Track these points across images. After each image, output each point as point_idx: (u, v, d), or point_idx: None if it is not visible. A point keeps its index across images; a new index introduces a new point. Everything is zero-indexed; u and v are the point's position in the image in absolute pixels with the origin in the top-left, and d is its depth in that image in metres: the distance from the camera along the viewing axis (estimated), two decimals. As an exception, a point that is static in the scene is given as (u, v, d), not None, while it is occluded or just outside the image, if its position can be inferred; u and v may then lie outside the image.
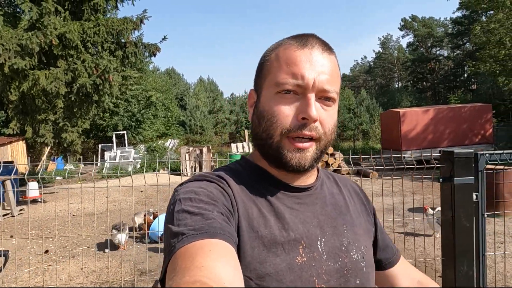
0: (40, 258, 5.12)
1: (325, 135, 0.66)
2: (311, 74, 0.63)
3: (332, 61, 0.67)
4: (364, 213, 0.81)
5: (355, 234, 0.73)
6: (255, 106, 0.71)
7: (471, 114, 13.82)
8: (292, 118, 0.64)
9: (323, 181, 0.78)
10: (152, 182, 10.98)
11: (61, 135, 8.43)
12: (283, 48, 0.67)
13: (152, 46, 8.84)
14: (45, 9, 7.03)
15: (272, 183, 0.70)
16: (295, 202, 0.70)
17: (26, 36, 6.69)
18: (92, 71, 7.73)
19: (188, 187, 0.64)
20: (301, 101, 0.64)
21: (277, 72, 0.66)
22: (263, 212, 0.65)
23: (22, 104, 8.24)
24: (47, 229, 6.82)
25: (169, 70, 40.64)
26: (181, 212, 0.58)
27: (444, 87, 43.37)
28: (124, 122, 22.24)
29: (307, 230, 0.67)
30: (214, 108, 35.17)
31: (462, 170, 1.82)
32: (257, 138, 0.70)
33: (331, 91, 0.65)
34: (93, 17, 8.37)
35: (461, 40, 38.83)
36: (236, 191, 0.66)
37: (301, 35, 0.68)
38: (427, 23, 45.60)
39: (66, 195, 10.00)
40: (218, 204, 0.61)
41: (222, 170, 0.72)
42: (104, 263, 4.90)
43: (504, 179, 6.85)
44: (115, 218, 7.24)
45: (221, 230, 0.55)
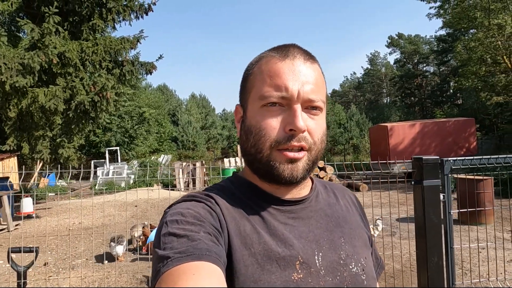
0: (40, 270, 5.23)
1: (315, 144, 0.66)
2: (295, 85, 0.63)
3: (315, 70, 0.67)
4: (361, 223, 0.79)
5: (354, 246, 0.71)
6: (242, 122, 0.71)
7: (456, 128, 14.36)
8: (280, 131, 0.63)
9: (319, 191, 0.76)
10: (145, 197, 11.06)
11: (58, 151, 8.59)
12: (265, 61, 0.67)
13: (148, 65, 9.18)
14: (46, 29, 7.33)
15: (264, 198, 0.69)
16: (288, 217, 0.68)
17: (28, 56, 6.95)
18: (90, 88, 7.99)
19: (175, 209, 0.63)
20: (287, 112, 0.63)
21: (260, 85, 0.65)
22: (256, 228, 0.64)
23: (20, 120, 8.42)
24: (44, 243, 6.91)
25: (161, 87, 41.01)
26: (167, 235, 0.57)
27: (431, 102, 44.50)
28: (117, 138, 22.37)
29: (302, 246, 0.65)
30: (206, 123, 35.48)
31: (430, 174, 2.12)
32: (246, 153, 0.69)
33: (317, 100, 0.65)
34: (91, 37, 8.69)
35: (446, 57, 40.15)
36: (225, 209, 0.65)
37: (282, 46, 0.68)
38: (413, 41, 47.08)
39: (59, 211, 10.06)
40: (205, 224, 0.60)
41: (212, 188, 0.71)
42: (103, 273, 5.04)
43: (484, 188, 7.24)
44: (111, 232, 7.36)
45: (207, 251, 0.54)
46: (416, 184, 2.15)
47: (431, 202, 2.11)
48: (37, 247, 2.13)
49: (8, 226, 7.81)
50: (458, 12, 15.69)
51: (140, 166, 17.81)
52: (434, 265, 2.08)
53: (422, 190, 2.11)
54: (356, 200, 0.84)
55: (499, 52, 14.83)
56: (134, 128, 23.36)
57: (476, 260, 5.05)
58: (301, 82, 0.63)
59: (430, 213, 2.11)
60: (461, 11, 15.45)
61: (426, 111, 44.17)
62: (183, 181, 14.87)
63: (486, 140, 20.21)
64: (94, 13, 8.63)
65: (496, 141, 21.14)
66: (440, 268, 2.09)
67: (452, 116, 26.10)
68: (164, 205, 10.63)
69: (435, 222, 2.10)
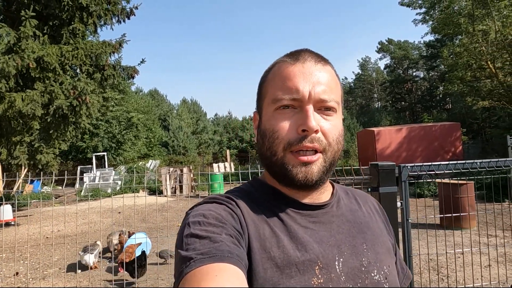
0: (9, 280, 5.06)
1: (330, 145, 0.65)
2: (305, 87, 0.63)
3: (327, 71, 0.67)
4: (385, 231, 0.77)
5: (377, 253, 0.69)
6: (258, 127, 0.71)
7: (442, 132, 14.46)
8: (293, 132, 0.63)
9: (340, 197, 0.75)
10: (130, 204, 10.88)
11: (36, 157, 8.41)
12: (277, 67, 0.69)
13: (130, 69, 9.07)
14: (23, 33, 7.20)
15: (284, 202, 0.68)
16: (309, 220, 0.67)
17: (3, 60, 6.81)
18: (69, 93, 7.86)
19: (197, 210, 0.63)
20: (300, 114, 0.64)
21: (273, 90, 0.67)
22: (275, 232, 0.63)
23: (-3, 126, 8.23)
24: (19, 252, 6.72)
25: (152, 91, 40.81)
26: (189, 236, 0.58)
27: (421, 107, 44.97)
28: (105, 143, 22.10)
29: (323, 250, 0.63)
30: (198, 128, 35.33)
31: (386, 181, 2.06)
32: (263, 157, 0.69)
33: (329, 101, 0.65)
34: (72, 41, 8.57)
35: (435, 62, 40.69)
36: (246, 212, 0.65)
37: (294, 52, 0.70)
38: (403, 46, 47.67)
39: (41, 218, 9.83)
40: (227, 226, 0.60)
41: (232, 191, 0.72)
42: (74, 283, 4.89)
43: (468, 193, 7.24)
44: (91, 239, 7.19)
45: (229, 253, 0.54)
46: (373, 191, 2.09)
47: (388, 209, 2.04)
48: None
49: (-17, 234, 7.58)
50: (443, 18, 15.89)
51: (127, 171, 17.60)
52: (390, 274, 2.02)
53: (379, 197, 2.06)
54: (379, 207, 0.82)
55: (484, 57, 15.02)
56: (122, 133, 23.12)
57: (454, 266, 5.01)
58: (312, 83, 0.64)
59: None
60: (446, 17, 15.65)
61: (416, 115, 44.61)
62: (170, 187, 14.70)
63: (473, 144, 20.41)
64: (75, 17, 8.52)
65: (483, 145, 21.37)
66: (396, 278, 2.03)
67: (441, 120, 26.35)
68: (149, 212, 10.45)
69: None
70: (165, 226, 8.19)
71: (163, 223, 8.69)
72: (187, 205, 11.60)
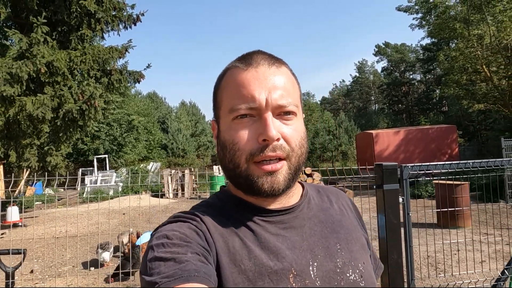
0: (26, 277, 5.28)
1: (293, 151, 0.63)
2: (261, 93, 0.61)
3: (283, 73, 0.65)
4: (358, 227, 0.76)
5: (351, 251, 0.68)
6: (217, 137, 0.69)
7: (438, 135, 14.79)
8: (253, 142, 0.61)
9: (311, 197, 0.74)
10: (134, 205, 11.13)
11: (46, 159, 8.62)
12: (229, 73, 0.66)
13: (136, 74, 9.32)
14: (34, 39, 7.44)
15: (252, 211, 0.66)
16: (280, 227, 0.65)
17: (16, 65, 7.04)
18: (78, 97, 8.09)
19: (160, 231, 0.61)
20: (258, 123, 0.61)
21: (229, 98, 0.64)
22: (246, 243, 0.61)
23: (7, 129, 8.44)
24: (31, 251, 6.92)
25: (151, 94, 40.98)
26: (153, 260, 0.56)
27: (418, 109, 45.40)
28: (106, 146, 22.30)
29: (296, 256, 0.62)
30: (196, 131, 35.53)
31: (389, 179, 2.32)
32: (225, 169, 0.67)
33: (288, 105, 0.62)
34: (80, 46, 8.81)
35: (431, 65, 41.16)
36: (212, 227, 0.63)
37: (246, 55, 0.67)
38: (400, 49, 48.11)
39: (46, 219, 10.02)
40: (192, 244, 0.58)
41: (198, 206, 0.70)
42: (90, 280, 5.12)
43: (463, 193, 7.52)
44: (98, 240, 7.41)
45: (195, 272, 0.52)
46: (378, 188, 2.35)
47: (391, 204, 2.31)
48: (24, 249, 2.27)
49: (-6, 234, 7.78)
50: (439, 23, 16.25)
51: (129, 173, 17.80)
52: (393, 262, 2.27)
53: (383, 193, 2.32)
54: (352, 203, 0.81)
55: (479, 61, 15.38)
56: (123, 135, 23.33)
57: (450, 262, 5.28)
58: (268, 89, 0.61)
59: (390, 214, 2.31)
60: (441, 22, 16.00)
61: (413, 118, 45.04)
62: (172, 189, 14.92)
63: (468, 146, 20.78)
64: (83, 23, 8.77)
65: (479, 147, 21.74)
66: (399, 265, 2.28)
67: (438, 123, 26.72)
68: (152, 213, 10.65)
69: (394, 223, 2.30)
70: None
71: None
72: (189, 206, 11.79)
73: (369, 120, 45.81)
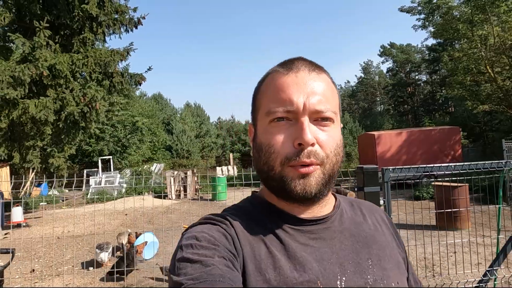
0: (26, 277, 5.39)
1: (328, 157, 0.63)
2: (300, 98, 0.61)
3: (323, 80, 0.65)
4: (394, 243, 0.73)
5: (383, 269, 0.65)
6: (253, 140, 0.69)
7: (441, 136, 14.70)
8: (289, 146, 0.61)
9: (344, 210, 0.72)
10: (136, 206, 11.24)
11: (48, 161, 8.77)
12: (270, 77, 0.67)
13: (137, 76, 9.45)
14: (37, 43, 7.59)
15: (282, 218, 0.66)
16: (309, 237, 0.64)
17: (19, 69, 7.19)
18: (80, 99, 8.23)
19: (191, 232, 0.62)
20: (295, 126, 0.62)
21: (267, 101, 0.65)
22: (272, 252, 0.61)
23: (11, 131, 8.61)
24: (33, 251, 7.05)
25: (156, 96, 41.24)
26: (181, 260, 0.57)
27: (424, 110, 45.09)
28: (110, 147, 22.52)
29: (323, 269, 0.60)
30: (201, 132, 35.66)
31: (370, 182, 2.36)
32: (260, 172, 0.67)
33: (326, 111, 0.63)
34: (82, 49, 8.96)
35: (437, 65, 40.87)
36: (241, 232, 0.63)
37: (287, 61, 0.68)
38: (405, 50, 47.81)
39: (50, 220, 10.18)
40: (220, 248, 0.58)
41: (229, 209, 0.70)
42: (87, 279, 5.21)
43: (462, 195, 7.50)
44: (99, 240, 7.52)
45: (220, 277, 0.53)
46: (359, 190, 2.39)
47: (371, 206, 2.34)
48: (13, 249, 2.34)
49: (-3, 234, 7.93)
50: (442, 24, 16.17)
51: (132, 175, 17.96)
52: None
53: (364, 196, 2.36)
54: (387, 218, 0.78)
55: (483, 62, 15.27)
56: (127, 137, 23.55)
57: (446, 264, 5.27)
58: (306, 94, 0.62)
59: (370, 216, 2.33)
60: (444, 23, 15.92)
61: (418, 119, 44.74)
62: (174, 190, 15.03)
63: (473, 148, 20.61)
64: (85, 26, 8.91)
65: (484, 149, 21.56)
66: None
67: (443, 124, 26.53)
68: (154, 214, 10.76)
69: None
70: (171, 228, 8.50)
71: (168, 224, 9.00)
72: (191, 207, 11.94)
73: (374, 121, 45.58)
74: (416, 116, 45.92)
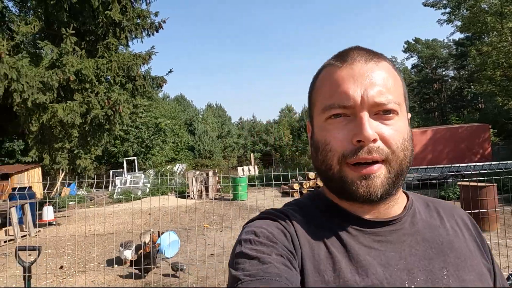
0: (55, 273, 5.66)
1: (394, 153, 0.57)
2: (356, 91, 0.57)
3: (382, 68, 0.60)
4: (477, 252, 0.64)
5: (462, 281, 0.58)
6: (311, 138, 0.66)
7: (469, 134, 14.17)
8: (347, 143, 0.57)
9: (416, 211, 0.66)
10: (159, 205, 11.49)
11: (75, 162, 9.16)
12: (324, 71, 0.64)
13: (159, 79, 9.69)
14: (64, 49, 7.95)
15: (345, 218, 0.62)
16: (374, 239, 0.59)
17: (48, 74, 7.56)
18: (105, 103, 8.55)
19: (250, 226, 0.61)
20: (353, 122, 0.57)
21: (322, 97, 0.62)
22: (332, 253, 0.58)
23: (41, 134, 9.05)
24: (62, 248, 7.38)
25: (178, 97, 42.01)
26: (239, 255, 0.56)
27: (451, 107, 43.56)
28: (134, 148, 23.18)
29: (389, 275, 0.55)
30: (223, 132, 36.00)
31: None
32: (318, 171, 0.64)
33: (387, 103, 0.58)
34: (106, 54, 9.29)
35: (465, 60, 39.37)
36: (300, 230, 0.60)
37: (342, 52, 0.64)
38: (431, 45, 46.32)
39: (79, 218, 10.61)
40: (278, 245, 0.57)
41: (290, 204, 0.68)
42: (112, 277, 5.41)
43: (489, 195, 7.21)
44: (124, 238, 7.77)
45: (277, 276, 0.51)
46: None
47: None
48: (39, 246, 2.49)
49: (30, 232, 8.36)
50: (469, 17, 15.57)
51: (156, 175, 18.41)
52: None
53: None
54: (471, 222, 0.70)
55: (513, 56, 14.59)
56: (151, 138, 24.16)
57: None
58: (364, 86, 0.58)
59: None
60: (472, 16, 15.33)
61: (445, 116, 43.26)
62: (196, 190, 15.28)
63: (503, 145, 19.69)
64: (109, 32, 9.23)
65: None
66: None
67: (472, 121, 25.54)
68: (177, 213, 10.99)
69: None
70: (193, 227, 8.67)
71: (190, 224, 9.18)
72: (212, 207, 12.11)
73: (398, 119, 44.42)
74: (443, 113, 44.40)
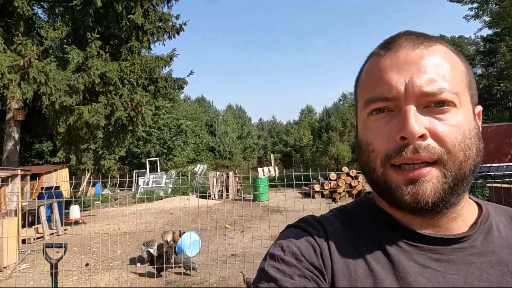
0: (81, 270, 5.83)
1: (450, 153, 0.48)
2: (400, 80, 0.50)
3: (435, 52, 0.52)
4: None
5: None
6: (355, 137, 0.59)
7: (498, 134, 13.59)
8: (390, 141, 0.50)
9: (493, 226, 0.54)
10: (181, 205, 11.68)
11: (100, 162, 9.44)
12: (369, 62, 0.57)
13: (180, 80, 9.85)
14: (89, 53, 8.21)
15: (395, 230, 0.54)
16: (430, 257, 0.51)
17: (74, 78, 7.83)
18: (128, 105, 8.76)
19: (281, 237, 0.58)
20: (398, 117, 0.50)
21: (364, 91, 0.55)
22: (374, 270, 0.50)
23: (68, 135, 9.37)
24: (87, 246, 7.61)
25: (199, 99, 42.56)
26: (261, 272, 0.53)
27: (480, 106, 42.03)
28: (157, 149, 23.63)
29: None
30: (243, 133, 36.16)
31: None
32: (363, 173, 0.56)
33: (440, 92, 0.49)
34: (129, 57, 9.53)
35: (494, 57, 37.85)
36: (336, 242, 0.54)
37: (388, 38, 0.57)
38: (457, 42, 44.80)
39: (104, 217, 10.91)
40: (303, 264, 0.52)
41: (334, 211, 0.62)
42: (135, 275, 5.52)
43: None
44: (147, 237, 7.93)
45: None
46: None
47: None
48: (65, 244, 2.57)
49: (58, 230, 8.67)
50: (498, 12, 14.95)
51: (178, 175, 18.68)
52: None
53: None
54: None
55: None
56: (172, 139, 24.56)
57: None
58: (409, 75, 0.50)
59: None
60: (501, 11, 14.70)
61: (473, 115, 41.65)
62: (217, 190, 15.40)
63: (536, 146, 18.74)
64: (132, 35, 9.46)
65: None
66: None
67: (502, 120, 24.51)
68: (198, 213, 11.11)
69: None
70: (214, 227, 8.74)
71: (211, 224, 9.26)
72: (233, 207, 12.17)
73: (423, 119, 43.26)
74: (470, 112, 42.85)
